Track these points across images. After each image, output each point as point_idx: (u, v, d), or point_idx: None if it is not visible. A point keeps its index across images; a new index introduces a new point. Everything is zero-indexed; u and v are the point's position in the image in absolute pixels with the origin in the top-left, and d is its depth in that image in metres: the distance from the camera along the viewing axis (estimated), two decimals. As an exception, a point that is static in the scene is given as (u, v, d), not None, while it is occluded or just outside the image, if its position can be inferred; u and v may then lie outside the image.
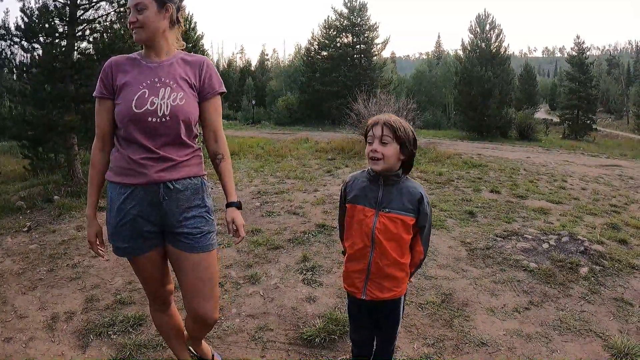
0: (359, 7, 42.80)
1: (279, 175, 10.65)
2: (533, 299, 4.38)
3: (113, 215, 2.48)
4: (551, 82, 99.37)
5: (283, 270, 4.94)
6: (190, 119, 2.48)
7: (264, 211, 7.28)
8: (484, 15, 38.82)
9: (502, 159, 15.67)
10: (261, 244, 5.68)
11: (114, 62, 2.48)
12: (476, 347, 3.54)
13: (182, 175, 2.47)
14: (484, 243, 5.86)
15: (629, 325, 3.97)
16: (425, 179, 10.44)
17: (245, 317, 3.94)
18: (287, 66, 63.88)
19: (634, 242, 6.19)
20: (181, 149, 2.48)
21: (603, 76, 77.61)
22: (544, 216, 7.38)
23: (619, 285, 4.78)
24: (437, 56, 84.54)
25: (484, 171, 12.20)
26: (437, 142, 22.56)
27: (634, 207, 8.60)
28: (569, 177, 12.03)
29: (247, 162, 12.90)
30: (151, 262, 2.60)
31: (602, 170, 14.53)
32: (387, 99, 18.18)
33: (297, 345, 3.52)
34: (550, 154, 20.47)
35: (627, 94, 70.64)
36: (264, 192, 8.70)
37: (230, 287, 4.52)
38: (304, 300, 4.25)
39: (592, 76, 49.62)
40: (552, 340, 3.67)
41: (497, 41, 38.53)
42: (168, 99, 2.39)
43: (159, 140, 2.40)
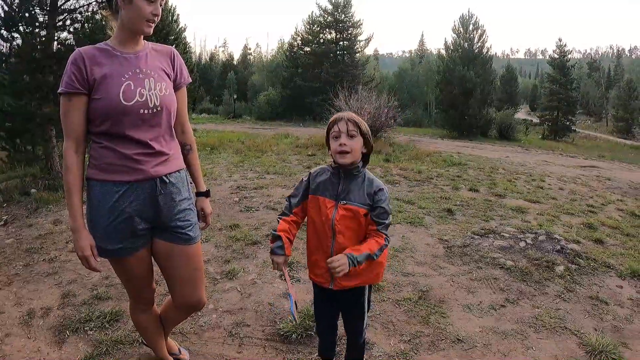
0: (343, 4, 42.77)
1: (258, 170, 10.60)
2: (509, 296, 4.42)
3: (102, 216, 2.34)
4: (532, 84, 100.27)
5: (261, 265, 4.92)
6: (175, 109, 2.49)
7: (243, 206, 7.24)
8: (467, 15, 39.15)
9: (482, 158, 15.80)
10: (239, 239, 5.65)
11: (85, 54, 2.28)
12: (452, 344, 3.55)
13: (173, 168, 2.46)
14: (461, 241, 5.90)
15: (604, 323, 4.03)
16: (405, 177, 10.46)
17: (222, 313, 3.92)
18: (269, 61, 63.71)
19: (609, 242, 6.28)
20: (169, 142, 2.47)
21: (584, 79, 78.59)
22: (521, 215, 7.44)
23: (594, 284, 4.85)
24: (420, 55, 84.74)
25: (464, 169, 12.26)
26: (417, 140, 22.68)
27: (610, 208, 8.71)
28: (547, 177, 12.14)
29: (226, 157, 12.83)
30: (141, 261, 2.54)
31: (580, 170, 14.70)
32: (368, 96, 18.20)
33: (274, 341, 3.50)
34: (529, 154, 20.69)
35: (606, 97, 71.69)
36: (243, 187, 8.65)
37: (207, 282, 4.47)
38: (281, 296, 4.23)
39: (572, 79, 50.37)
40: (528, 338, 3.71)
41: (480, 41, 38.90)
42: (155, 89, 2.34)
43: (150, 132, 2.35)
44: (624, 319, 4.14)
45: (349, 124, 2.46)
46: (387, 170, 11.29)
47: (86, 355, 3.28)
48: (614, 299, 4.53)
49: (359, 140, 2.48)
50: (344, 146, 2.44)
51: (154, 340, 2.95)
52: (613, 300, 4.49)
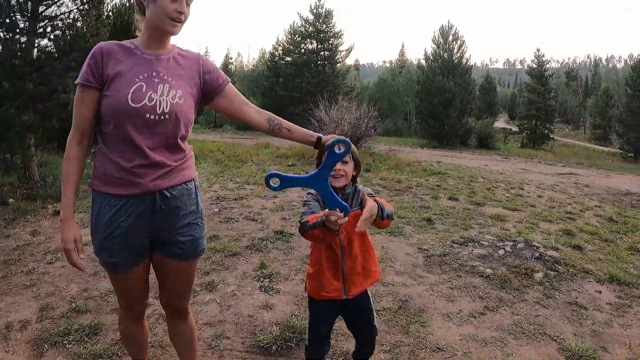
0: (324, 14, 42.80)
1: (238, 180, 10.56)
2: (488, 304, 4.46)
3: (101, 227, 2.30)
4: (511, 93, 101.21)
5: (240, 277, 4.91)
6: (189, 119, 2.39)
7: (223, 217, 7.22)
8: (447, 26, 39.59)
9: (461, 167, 15.88)
10: (219, 251, 5.63)
11: (105, 49, 2.23)
12: (432, 353, 3.57)
13: (177, 181, 2.36)
14: (440, 250, 5.93)
15: (583, 328, 4.08)
16: (385, 186, 10.50)
17: (202, 325, 3.89)
18: (250, 70, 63.68)
19: (588, 248, 6.35)
20: (175, 153, 2.36)
21: (562, 88, 79.52)
22: (500, 223, 7.50)
23: (573, 289, 4.91)
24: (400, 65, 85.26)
25: (443, 179, 12.32)
26: (397, 150, 22.76)
27: (588, 214, 8.80)
28: (525, 184, 12.23)
29: (207, 167, 12.77)
30: (137, 277, 2.48)
31: (558, 178, 14.83)
32: (348, 106, 18.25)
33: (254, 353, 3.49)
34: (509, 162, 20.84)
35: (584, 106, 72.66)
36: (223, 197, 8.62)
37: (187, 295, 4.47)
38: (261, 307, 4.22)
39: (550, 88, 51.15)
40: (508, 345, 3.74)
41: (460, 52, 39.34)
42: (167, 96, 2.25)
43: (154, 139, 2.26)
44: (603, 323, 4.20)
45: None
46: (367, 180, 11.31)
47: (64, 369, 3.23)
48: (593, 304, 4.60)
49: (352, 165, 2.63)
50: (339, 171, 2.56)
51: (136, 353, 2.90)
52: (592, 305, 4.55)
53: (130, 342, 2.84)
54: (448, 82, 36.65)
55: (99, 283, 4.66)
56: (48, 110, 8.48)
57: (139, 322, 2.76)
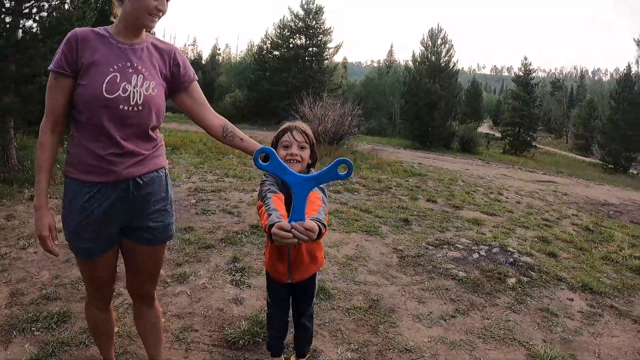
0: (315, 10, 42.68)
1: (218, 172, 10.51)
2: (459, 307, 4.46)
3: (74, 214, 2.30)
4: (496, 99, 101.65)
5: (212, 270, 4.86)
6: (161, 110, 2.40)
7: (199, 209, 7.15)
8: (436, 29, 39.61)
9: (442, 170, 15.94)
10: (192, 243, 5.56)
11: (80, 35, 2.20)
12: (400, 353, 3.56)
13: (149, 169, 2.38)
14: (415, 251, 5.93)
15: (553, 335, 4.10)
16: (364, 185, 10.50)
17: (171, 317, 3.85)
18: (238, 63, 63.30)
19: (563, 255, 6.40)
20: (147, 142, 2.38)
21: (546, 97, 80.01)
22: (477, 227, 7.53)
23: (545, 296, 4.93)
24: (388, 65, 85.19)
25: (423, 180, 12.36)
26: (380, 149, 22.76)
27: (565, 222, 8.87)
28: (505, 190, 12.32)
29: (187, 158, 12.68)
30: (106, 263, 2.49)
31: (537, 185, 14.95)
32: (332, 103, 18.24)
33: (221, 347, 3.46)
34: (489, 167, 20.96)
35: (568, 116, 73.17)
36: (201, 189, 8.54)
37: (158, 285, 4.40)
38: (231, 301, 4.19)
39: (535, 96, 51.48)
40: (476, 348, 3.75)
41: (447, 55, 39.38)
42: (141, 87, 2.25)
43: (127, 130, 2.27)
44: (573, 331, 4.23)
45: (302, 136, 2.65)
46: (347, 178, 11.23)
47: (31, 356, 3.19)
48: (564, 311, 4.63)
49: (308, 151, 2.68)
50: (295, 156, 2.61)
51: (102, 341, 2.89)
52: (563, 313, 4.58)
53: (96, 329, 2.82)
54: (434, 84, 36.71)
55: (70, 270, 4.59)
56: (30, 93, 8.32)
57: (106, 310, 2.75)
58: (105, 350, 2.93)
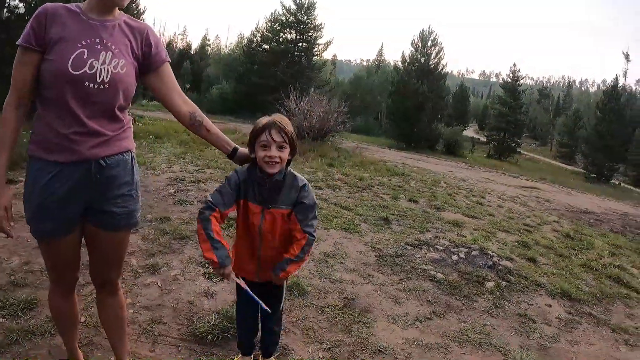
0: (307, 5, 42.56)
1: (199, 163, 10.34)
2: (436, 309, 4.39)
3: (35, 194, 2.23)
4: (483, 104, 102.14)
5: (186, 261, 4.72)
6: (129, 90, 2.32)
7: (177, 199, 7.00)
8: (427, 31, 39.84)
9: (426, 171, 15.92)
10: (168, 233, 5.42)
11: (50, 11, 2.14)
12: (372, 354, 3.47)
13: (114, 151, 2.30)
14: (394, 250, 5.84)
15: (530, 341, 4.05)
16: (346, 182, 10.41)
17: (140, 309, 3.72)
18: (227, 54, 62.99)
19: (542, 261, 6.36)
20: (113, 123, 2.30)
21: (533, 104, 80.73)
22: (457, 229, 7.47)
23: (523, 301, 4.88)
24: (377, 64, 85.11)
25: (406, 180, 12.30)
26: (365, 148, 22.72)
27: (546, 228, 8.86)
28: (487, 194, 12.31)
29: (170, 147, 12.51)
30: (69, 245, 2.40)
31: (520, 190, 14.98)
32: (319, 99, 18.14)
33: (189, 341, 3.34)
34: (473, 170, 21.04)
35: (553, 124, 73.81)
36: (180, 179, 8.38)
37: (129, 275, 4.26)
38: (202, 294, 4.07)
39: (522, 103, 52.03)
40: (451, 352, 3.67)
41: (437, 58, 39.65)
42: (109, 64, 2.18)
43: (91, 108, 2.19)
44: (550, 337, 4.18)
45: (281, 135, 2.48)
46: (329, 174, 11.22)
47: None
48: (542, 317, 4.58)
49: (288, 150, 2.54)
50: (274, 158, 2.47)
51: (66, 330, 2.78)
52: (541, 319, 4.53)
53: (59, 317, 2.72)
54: (422, 86, 36.90)
55: (40, 257, 4.45)
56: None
57: (69, 297, 2.65)
58: (69, 340, 2.82)
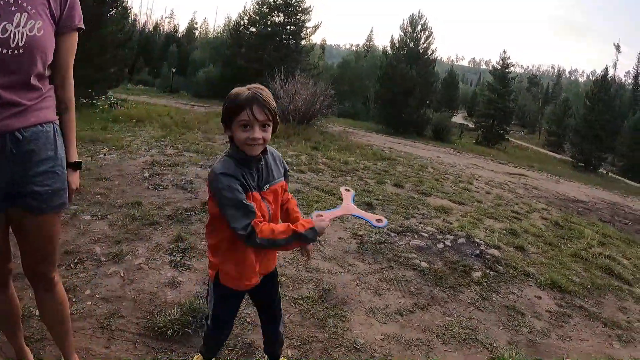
0: (295, -13, 42.26)
1: (179, 147, 9.98)
2: (419, 301, 4.13)
3: None
4: (472, 91, 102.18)
5: (152, 249, 4.41)
6: (48, 55, 2.05)
7: (151, 183, 6.65)
8: (417, 16, 39.66)
9: (413, 156, 15.73)
10: (137, 219, 5.10)
11: None
12: (347, 352, 3.20)
13: (32, 122, 2.03)
14: (376, 237, 5.56)
15: (518, 337, 3.82)
16: (329, 166, 10.15)
17: (98, 301, 3.42)
18: (214, 37, 62.46)
19: (531, 250, 6.15)
20: (30, 91, 2.03)
21: (522, 92, 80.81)
22: (444, 215, 7.23)
23: (511, 292, 4.65)
24: (366, 49, 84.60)
25: (392, 165, 12.08)
26: (351, 132, 22.49)
27: (535, 216, 8.67)
28: (475, 179, 12.12)
29: (150, 131, 12.18)
30: None
31: (508, 177, 14.82)
32: (305, 82, 17.83)
33: (147, 336, 3.06)
34: (461, 156, 20.89)
35: (542, 112, 74.01)
36: (157, 163, 8.03)
37: (90, 264, 3.95)
38: (167, 285, 3.77)
39: (511, 90, 52.15)
40: (434, 349, 3.42)
41: (426, 42, 39.51)
42: (24, 27, 1.91)
43: (6, 77, 1.92)
44: (540, 332, 3.96)
45: (264, 113, 2.07)
46: (313, 158, 10.94)
47: None
48: (531, 310, 4.35)
49: (271, 128, 2.16)
50: (258, 140, 2.09)
51: (5, 327, 2.52)
52: (530, 312, 4.31)
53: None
54: (411, 70, 36.69)
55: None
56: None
57: (4, 291, 2.37)
58: (12, 337, 2.55)
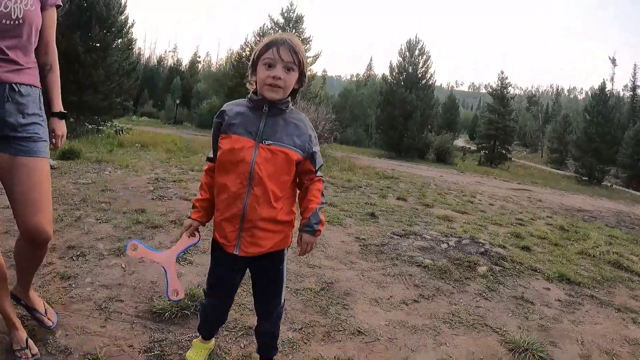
0: (295, 19, 42.70)
1: (183, 167, 10.00)
2: (424, 292, 4.08)
3: None
4: (473, 115, 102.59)
5: (155, 246, 4.39)
6: (39, 25, 2.43)
7: (156, 195, 6.66)
8: (414, 40, 39.96)
9: (416, 175, 15.76)
10: (141, 222, 5.12)
11: None
12: (350, 336, 3.14)
13: (26, 80, 2.37)
14: (379, 240, 5.52)
15: (529, 322, 3.76)
16: (332, 183, 10.14)
17: (98, 287, 3.41)
18: (217, 69, 63.09)
19: (537, 250, 6.09)
20: (27, 56, 2.39)
21: (522, 112, 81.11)
22: (447, 222, 7.19)
23: (519, 285, 4.59)
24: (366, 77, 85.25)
25: (395, 182, 12.06)
26: (354, 157, 22.48)
27: (539, 222, 8.62)
28: (478, 194, 12.08)
29: (155, 154, 12.25)
30: None
31: (512, 192, 14.77)
32: (306, 106, 17.91)
33: (145, 318, 3.03)
34: (464, 176, 20.82)
35: (543, 131, 74.06)
36: (162, 179, 8.05)
37: (92, 257, 3.97)
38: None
39: (511, 110, 52.32)
40: (441, 333, 3.36)
41: (425, 67, 39.73)
42: (20, 3, 2.28)
43: (9, 41, 2.28)
44: (551, 318, 3.90)
45: (290, 54, 2.05)
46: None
47: None
48: (540, 299, 4.29)
49: (295, 75, 2.11)
50: (279, 80, 2.04)
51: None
52: (540, 301, 4.24)
53: None
54: (410, 94, 36.91)
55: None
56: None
57: None
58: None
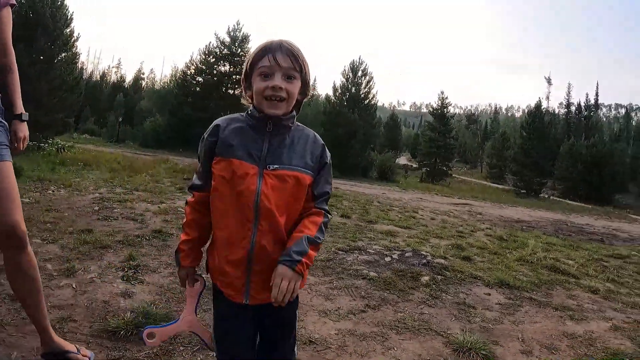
0: (241, 38, 42.88)
1: (128, 187, 9.94)
2: (370, 302, 4.25)
3: None
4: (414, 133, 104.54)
5: (104, 266, 4.41)
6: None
7: (101, 215, 6.64)
8: (358, 62, 40.63)
9: (359, 193, 15.94)
10: (88, 242, 5.08)
11: None
12: (303, 345, 3.26)
13: None
14: (325, 256, 5.64)
15: (471, 325, 3.97)
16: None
17: (50, 308, 3.38)
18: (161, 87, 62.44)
19: (477, 259, 6.35)
20: None
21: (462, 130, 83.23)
22: (390, 237, 7.39)
23: (461, 292, 4.82)
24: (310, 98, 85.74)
25: (338, 200, 12.11)
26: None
27: (479, 234, 8.94)
28: (420, 209, 12.37)
29: (98, 173, 12.12)
30: None
31: (453, 207, 15.17)
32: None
33: (100, 337, 3.06)
34: (407, 193, 21.19)
35: (482, 148, 76.24)
36: (107, 199, 8.00)
37: (42, 278, 3.83)
38: (119, 295, 3.78)
39: (451, 128, 53.72)
40: (389, 339, 3.53)
41: (367, 87, 40.37)
42: None
43: None
44: (493, 320, 4.12)
45: (289, 59, 1.73)
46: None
47: None
48: (481, 304, 4.52)
49: (298, 84, 1.77)
50: (279, 91, 1.71)
51: None
52: (481, 305, 4.47)
53: None
54: (353, 114, 37.41)
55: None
56: None
57: None
58: None
